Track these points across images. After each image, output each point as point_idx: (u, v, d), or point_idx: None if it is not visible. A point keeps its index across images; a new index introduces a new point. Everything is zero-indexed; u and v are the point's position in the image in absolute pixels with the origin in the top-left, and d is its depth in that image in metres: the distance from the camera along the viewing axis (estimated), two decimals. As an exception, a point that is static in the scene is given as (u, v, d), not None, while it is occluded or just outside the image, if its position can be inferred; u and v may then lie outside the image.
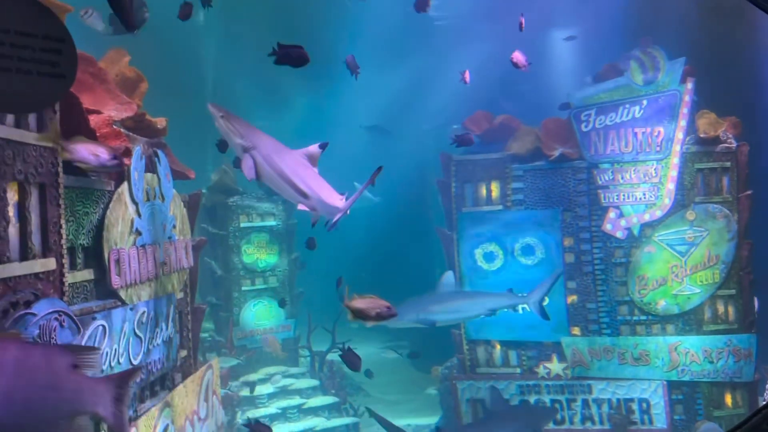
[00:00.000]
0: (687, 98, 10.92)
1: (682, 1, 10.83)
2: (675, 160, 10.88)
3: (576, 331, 11.32)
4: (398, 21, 14.11)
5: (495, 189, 11.91)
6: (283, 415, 12.69)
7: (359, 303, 6.44)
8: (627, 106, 11.07)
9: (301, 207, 6.71)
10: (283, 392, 13.05)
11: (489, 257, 11.79)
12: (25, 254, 5.07)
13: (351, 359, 7.88)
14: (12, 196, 4.97)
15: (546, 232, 11.46)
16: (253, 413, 12.24)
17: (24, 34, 2.66)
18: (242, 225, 13.81)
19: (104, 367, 6.11)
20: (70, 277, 5.76)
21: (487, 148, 12.12)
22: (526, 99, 13.02)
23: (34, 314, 4.92)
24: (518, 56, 8.75)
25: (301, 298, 14.69)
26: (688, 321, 10.99)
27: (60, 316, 5.24)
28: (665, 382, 10.85)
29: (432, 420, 12.92)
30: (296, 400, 12.99)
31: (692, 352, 10.76)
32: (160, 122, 7.85)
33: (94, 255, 6.33)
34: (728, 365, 10.67)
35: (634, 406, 10.91)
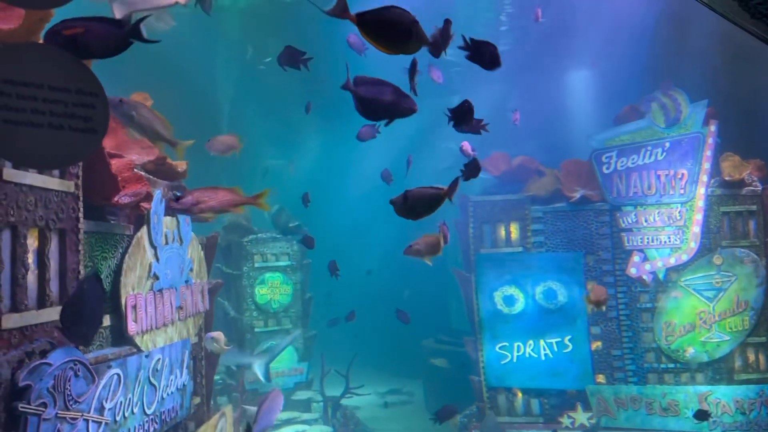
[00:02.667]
0: (710, 140, 10.78)
1: (703, 43, 10.79)
2: (700, 203, 10.67)
3: (601, 378, 10.94)
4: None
5: (514, 230, 11.72)
6: (296, 461, 12.30)
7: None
8: (649, 148, 10.94)
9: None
10: (296, 438, 12.67)
11: (509, 300, 11.52)
12: (42, 302, 4.95)
13: None
14: (32, 243, 4.87)
15: (568, 276, 11.21)
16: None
17: (57, 89, 2.57)
18: (256, 265, 13.67)
19: (118, 418, 5.90)
20: (86, 325, 5.61)
21: (506, 188, 11.99)
22: (545, 140, 12.95)
23: (49, 364, 4.77)
24: (466, 145, 8.97)
25: (314, 340, 14.42)
26: (718, 370, 10.59)
27: (75, 365, 5.09)
28: (695, 435, 10.41)
29: (449, 470, 12.43)
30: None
31: (723, 403, 10.33)
32: (181, 165, 7.80)
33: (111, 300, 6.19)
34: (761, 417, 10.22)
35: (665, 460, 10.46)
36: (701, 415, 9.75)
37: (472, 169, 6.86)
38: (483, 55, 4.75)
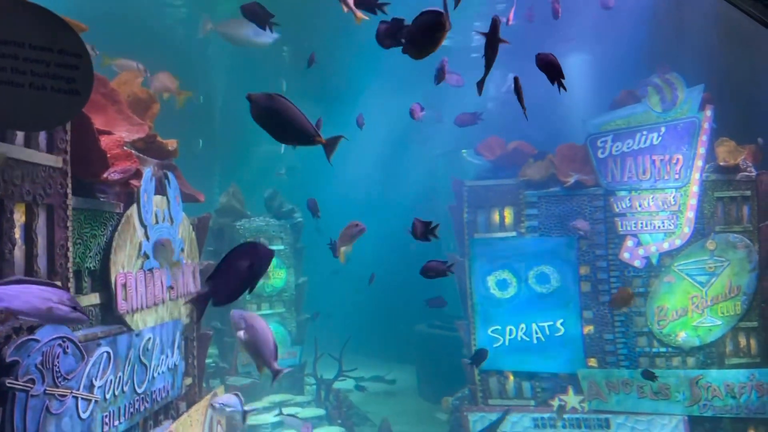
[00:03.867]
0: (706, 126, 10.75)
1: (700, 28, 10.72)
2: (694, 188, 10.65)
3: (592, 362, 10.97)
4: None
5: (508, 215, 11.70)
6: (288, 445, 12.32)
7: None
8: (645, 132, 10.90)
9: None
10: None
11: (502, 285, 11.52)
12: (30, 277, 4.88)
13: None
14: (19, 218, 4.79)
15: (561, 260, 11.20)
16: (258, 442, 11.89)
17: (39, 48, 2.49)
18: (249, 248, 13.60)
19: (108, 396, 5.86)
20: (75, 302, 5.55)
21: (500, 173, 11.94)
22: (540, 124, 12.89)
23: (37, 340, 4.72)
24: (416, 108, 9.08)
25: (308, 324, 14.41)
26: (710, 354, 10.64)
27: (64, 342, 5.04)
28: (686, 418, 10.46)
29: (441, 453, 12.51)
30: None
31: (714, 387, 10.39)
32: (171, 144, 7.71)
33: (101, 279, 6.14)
34: (751, 401, 10.29)
35: (655, 443, 10.53)
36: (648, 375, 10.03)
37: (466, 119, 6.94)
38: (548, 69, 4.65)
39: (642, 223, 10.91)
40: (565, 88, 4.39)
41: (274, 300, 13.80)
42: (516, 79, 4.45)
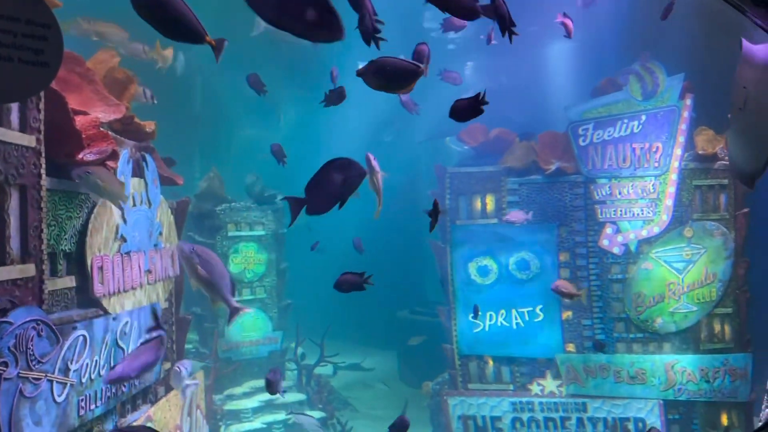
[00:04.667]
0: (686, 114, 10.85)
1: (681, 16, 10.77)
2: (673, 177, 10.77)
3: (571, 347, 11.11)
4: (393, 32, 13.98)
5: (490, 202, 11.74)
6: (269, 430, 12.33)
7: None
8: (625, 121, 10.97)
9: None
10: (269, 406, 12.69)
11: (483, 271, 11.59)
12: (2, 259, 4.79)
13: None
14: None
15: (541, 247, 11.29)
16: (238, 428, 11.88)
17: (5, 18, 2.41)
18: (230, 234, 13.50)
19: (84, 379, 5.80)
20: (50, 284, 5.48)
21: (482, 161, 11.97)
22: (523, 112, 12.92)
23: (10, 323, 4.64)
24: (408, 101, 9.12)
25: (289, 309, 14.38)
26: (685, 339, 10.83)
27: (38, 325, 4.97)
28: (661, 402, 10.66)
29: (421, 437, 12.61)
30: (282, 415, 12.63)
31: (689, 371, 10.59)
32: (149, 126, 7.58)
33: (77, 261, 6.04)
34: (725, 385, 10.51)
35: (630, 426, 10.70)
36: (598, 346, 10.39)
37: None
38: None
39: (621, 211, 11.02)
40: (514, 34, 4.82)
41: (255, 286, 13.73)
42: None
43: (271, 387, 6.73)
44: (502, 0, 4.65)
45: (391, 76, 4.43)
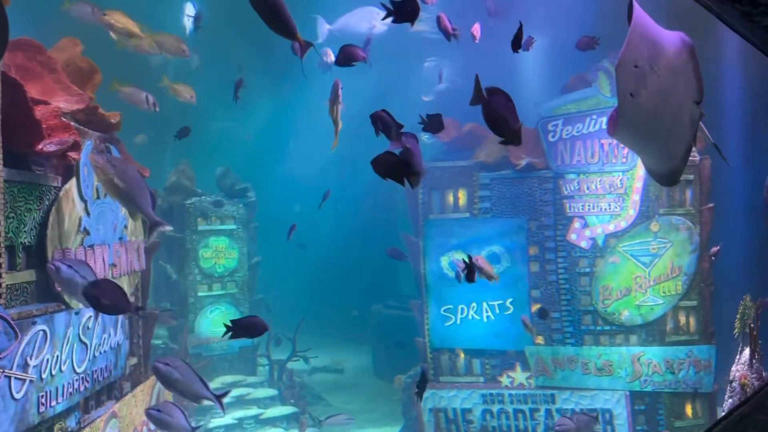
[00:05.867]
0: (653, 110, 11.00)
1: (650, 14, 10.92)
2: (640, 172, 10.93)
3: (540, 340, 11.24)
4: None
5: (462, 196, 11.79)
6: (240, 425, 12.25)
7: None
8: (594, 117, 11.09)
9: None
10: (240, 402, 12.60)
11: (454, 265, 11.63)
12: (-45, 252, 4.66)
13: None
14: None
15: (512, 241, 11.38)
16: (208, 424, 11.77)
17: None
18: (200, 228, 13.35)
19: (44, 375, 5.68)
20: (8, 278, 5.36)
21: (455, 155, 12.00)
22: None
23: (-36, 318, 4.52)
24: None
25: (261, 304, 14.28)
26: (651, 332, 11.03)
27: (-5, 320, 4.85)
28: (628, 393, 10.84)
29: (394, 430, 12.65)
30: (253, 411, 12.57)
31: (655, 363, 10.79)
32: (114, 116, 7.44)
33: (37, 255, 5.91)
34: (689, 376, 10.74)
35: (598, 417, 10.87)
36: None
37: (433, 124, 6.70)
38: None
39: (589, 206, 11.16)
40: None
41: (226, 280, 13.61)
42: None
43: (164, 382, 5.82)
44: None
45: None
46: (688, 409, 10.88)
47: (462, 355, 11.53)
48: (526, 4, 12.23)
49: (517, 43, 5.67)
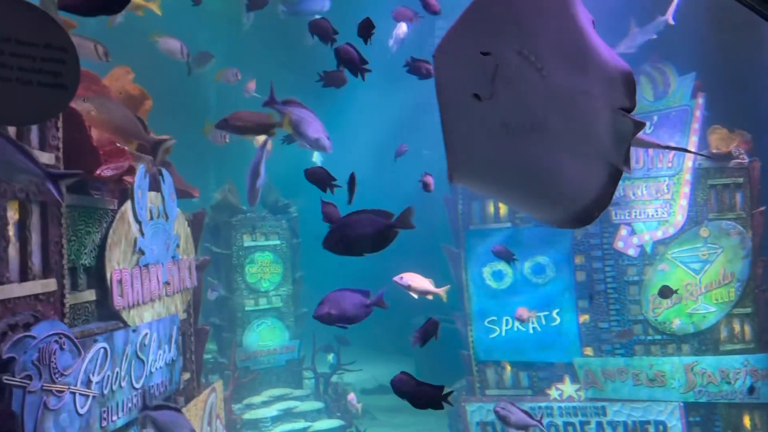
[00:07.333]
0: (698, 113, 10.79)
1: (691, 15, 10.74)
2: (687, 176, 10.70)
3: (588, 351, 11.05)
4: (407, 40, 14.08)
5: (503, 206, 11.74)
6: (289, 439, 12.39)
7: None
8: (637, 121, 10.91)
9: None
10: (288, 415, 12.75)
11: (497, 276, 11.57)
12: (24, 275, 4.91)
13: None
14: (12, 215, 4.82)
15: (556, 250, 11.26)
16: (258, 437, 11.96)
17: (25, 43, 2.51)
18: (245, 244, 13.64)
19: (106, 391, 5.90)
20: (71, 298, 5.59)
21: (495, 165, 11.96)
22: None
23: (33, 337, 4.75)
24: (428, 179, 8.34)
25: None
26: (704, 341, 10.72)
27: (60, 338, 5.07)
28: (682, 404, 10.55)
29: (440, 444, 12.60)
30: (301, 424, 12.68)
31: (709, 373, 10.48)
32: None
33: (96, 275, 6.16)
34: (745, 386, 10.38)
35: (651, 429, 10.60)
36: (666, 292, 10.05)
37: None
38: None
39: (635, 212, 10.96)
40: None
41: (271, 295, 13.84)
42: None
43: None
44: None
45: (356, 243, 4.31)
46: (746, 421, 10.50)
47: (508, 368, 11.42)
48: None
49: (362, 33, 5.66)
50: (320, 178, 5.06)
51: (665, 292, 9.93)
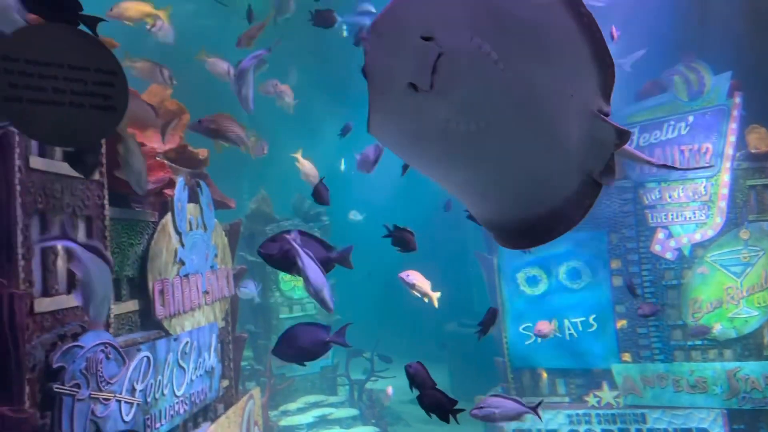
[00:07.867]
0: (735, 113, 10.55)
1: (725, 13, 10.53)
2: (725, 177, 10.46)
3: (627, 357, 10.86)
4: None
5: (536, 211, 11.63)
6: (324, 445, 12.49)
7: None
8: (672, 123, 10.74)
9: None
10: (323, 422, 12.85)
11: (532, 281, 11.48)
12: (72, 286, 5.08)
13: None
14: (59, 230, 5.00)
15: (592, 255, 11.11)
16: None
17: (77, 68, 2.63)
18: (279, 252, 13.80)
19: (149, 399, 6.06)
20: (115, 309, 5.77)
21: (527, 169, 11.89)
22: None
23: (81, 347, 4.92)
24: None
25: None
26: (747, 345, 10.43)
27: (106, 347, 5.24)
28: (725, 411, 10.27)
29: (476, 451, 12.50)
30: (336, 430, 12.76)
31: (753, 379, 10.18)
32: (202, 153, 7.91)
33: (139, 286, 6.34)
34: (793, 393, 10.07)
35: (693, 437, 10.36)
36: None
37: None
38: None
39: (672, 215, 10.76)
40: None
41: (305, 302, 14.00)
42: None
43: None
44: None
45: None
46: (794, 428, 10.18)
47: (545, 375, 11.29)
48: (597, 12, 12.05)
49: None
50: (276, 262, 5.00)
51: None
